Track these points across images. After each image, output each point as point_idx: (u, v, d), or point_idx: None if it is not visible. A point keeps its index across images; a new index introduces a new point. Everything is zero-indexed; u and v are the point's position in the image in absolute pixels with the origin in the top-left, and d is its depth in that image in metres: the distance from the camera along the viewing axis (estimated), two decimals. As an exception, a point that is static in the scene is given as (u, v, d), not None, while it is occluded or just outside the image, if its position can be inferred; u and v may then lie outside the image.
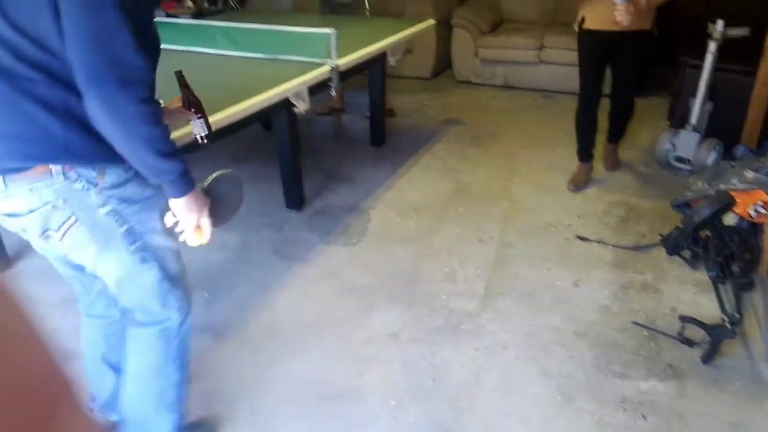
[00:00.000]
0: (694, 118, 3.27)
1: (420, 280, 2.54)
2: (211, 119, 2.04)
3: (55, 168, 1.22)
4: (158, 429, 1.60)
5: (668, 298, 2.40)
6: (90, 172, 1.26)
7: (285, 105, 2.54)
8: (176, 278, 1.51)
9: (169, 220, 1.38)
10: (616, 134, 3.40)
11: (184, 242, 1.44)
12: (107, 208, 1.29)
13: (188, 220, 1.37)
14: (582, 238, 2.80)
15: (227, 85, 2.46)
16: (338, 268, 2.62)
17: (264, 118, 2.87)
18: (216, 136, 2.16)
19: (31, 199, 1.24)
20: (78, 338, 1.72)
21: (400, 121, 4.39)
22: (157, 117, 1.22)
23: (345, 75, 2.87)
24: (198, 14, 5.95)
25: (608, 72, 3.13)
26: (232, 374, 2.07)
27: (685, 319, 2.14)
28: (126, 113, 1.17)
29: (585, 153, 3.27)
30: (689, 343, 2.12)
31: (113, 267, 1.38)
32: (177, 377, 1.60)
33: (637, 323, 2.24)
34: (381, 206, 3.15)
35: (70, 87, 1.16)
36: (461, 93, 5.03)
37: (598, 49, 3.02)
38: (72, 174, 1.24)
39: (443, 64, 5.48)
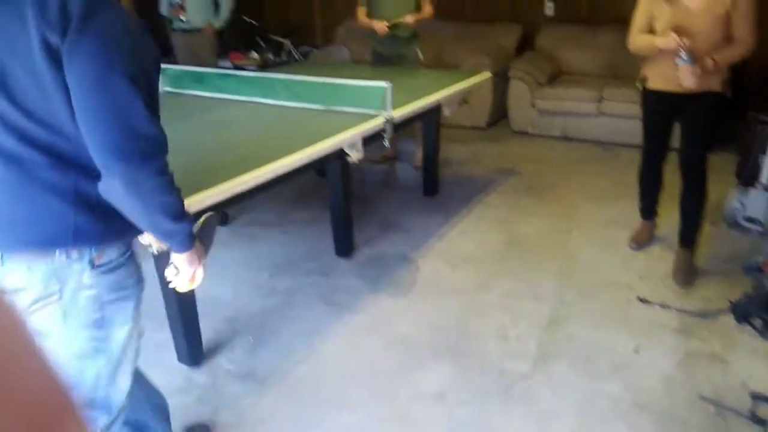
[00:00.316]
0: (764, 177, 3.09)
1: (469, 337, 2.45)
2: (269, 167, 2.09)
3: (59, 249, 1.19)
4: None
5: (737, 370, 2.21)
6: (92, 253, 1.22)
7: (339, 154, 2.57)
8: (120, 376, 1.36)
9: (170, 273, 1.39)
10: (688, 231, 2.86)
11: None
12: (91, 292, 1.24)
13: (189, 271, 1.37)
14: (643, 300, 2.65)
15: (285, 135, 2.52)
16: (386, 319, 2.57)
17: (319, 165, 2.92)
18: (273, 183, 2.21)
19: (30, 277, 1.19)
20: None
21: (455, 170, 4.37)
22: (173, 183, 1.23)
23: (399, 126, 2.89)
24: (263, 66, 6.26)
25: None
26: (272, 424, 2.03)
27: (757, 397, 1.96)
28: (148, 187, 1.16)
29: (648, 211, 3.13)
30: (762, 423, 1.93)
31: (61, 346, 1.25)
32: None
33: (704, 397, 2.07)
34: (432, 256, 3.10)
35: (80, 168, 1.15)
36: (517, 143, 4.98)
37: (662, 110, 2.80)
38: (74, 254, 1.20)
39: (499, 114, 5.46)
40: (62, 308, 1.22)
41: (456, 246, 3.21)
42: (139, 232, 1.32)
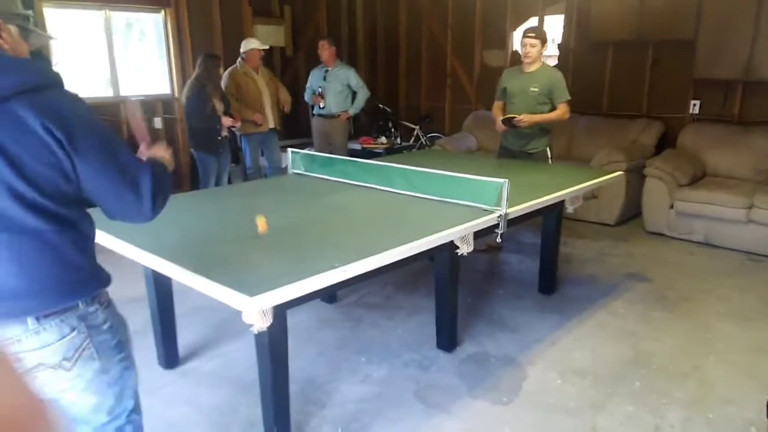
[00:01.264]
0: None
1: (574, 465, 2.17)
2: (377, 257, 2.07)
3: (80, 300, 1.37)
4: None
5: None
6: (99, 296, 1.43)
7: (449, 246, 2.51)
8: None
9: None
10: None
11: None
12: (108, 324, 1.44)
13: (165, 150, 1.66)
14: (797, 453, 2.20)
15: (397, 223, 2.52)
16: (482, 431, 2.37)
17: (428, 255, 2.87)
18: (385, 270, 2.19)
19: (63, 328, 1.35)
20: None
21: (576, 268, 4.10)
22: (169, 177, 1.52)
23: (515, 220, 2.78)
24: (390, 149, 6.51)
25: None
26: None
27: None
28: (163, 200, 1.44)
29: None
30: None
31: (106, 384, 1.45)
32: None
33: None
34: (541, 363, 2.86)
35: (76, 225, 1.35)
36: (650, 245, 4.59)
37: None
38: (88, 300, 1.39)
39: (631, 212, 5.12)
40: (95, 348, 1.41)
41: (570, 355, 2.94)
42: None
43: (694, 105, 5.27)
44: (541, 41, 3.86)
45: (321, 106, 5.68)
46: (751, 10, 4.52)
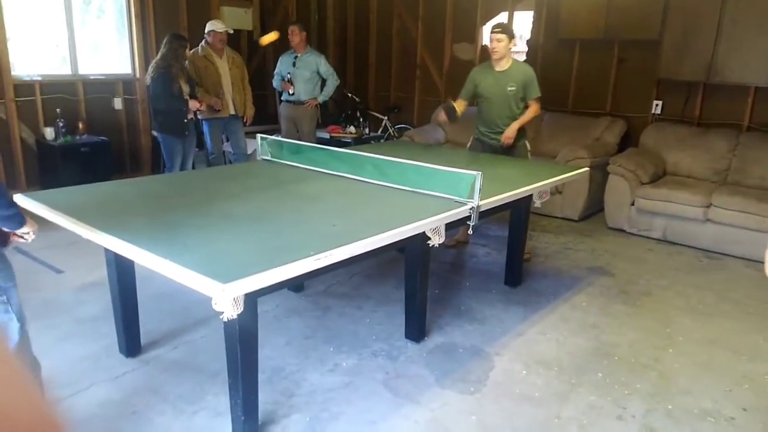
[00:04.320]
0: None
1: (540, 454, 2.21)
2: (351, 246, 2.05)
3: None
4: None
5: None
6: None
7: (420, 237, 2.51)
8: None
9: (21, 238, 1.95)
10: None
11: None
12: None
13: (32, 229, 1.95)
14: (750, 441, 2.30)
15: (369, 213, 2.50)
16: (450, 420, 2.38)
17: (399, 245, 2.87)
18: (356, 259, 2.17)
19: None
20: None
21: (541, 262, 4.16)
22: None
23: (485, 213, 2.80)
24: (358, 139, 6.46)
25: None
26: None
27: None
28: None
29: None
30: None
31: None
32: None
33: None
34: (507, 354, 2.90)
35: None
36: (612, 240, 4.71)
37: None
38: None
39: (594, 208, 5.24)
40: None
41: (535, 346, 2.99)
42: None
43: (657, 105, 5.41)
44: (508, 37, 3.87)
45: (290, 93, 5.59)
46: (715, 12, 4.65)
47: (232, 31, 5.29)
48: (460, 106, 4.07)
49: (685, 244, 4.56)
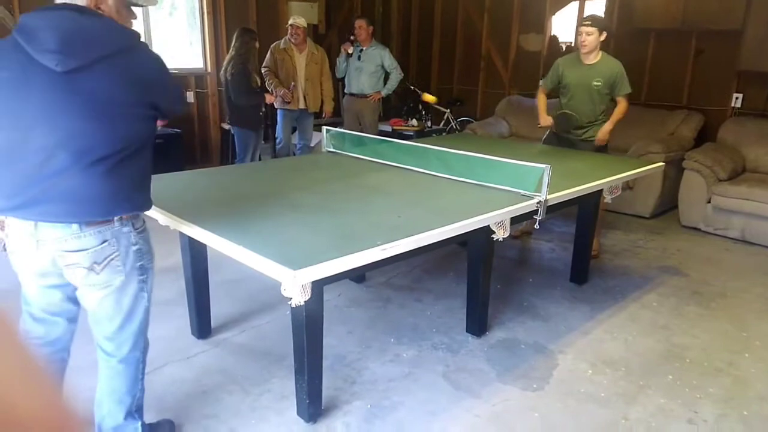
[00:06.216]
0: None
1: (606, 455, 2.15)
2: (417, 237, 2.06)
3: (116, 217, 1.66)
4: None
5: None
6: (133, 219, 1.72)
7: (484, 230, 2.49)
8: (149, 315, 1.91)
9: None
10: None
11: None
12: (137, 247, 1.74)
13: None
14: (837, 456, 2.16)
15: (433, 205, 2.50)
16: (511, 416, 2.36)
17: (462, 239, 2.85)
18: (420, 251, 2.18)
19: (98, 238, 1.65)
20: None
21: (609, 260, 4.04)
22: None
23: (553, 208, 2.74)
24: (420, 132, 6.46)
25: None
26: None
27: None
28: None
29: None
30: None
31: (125, 297, 1.76)
32: (141, 390, 1.96)
33: None
34: (572, 352, 2.83)
35: (130, 158, 1.63)
36: (685, 239, 4.50)
37: None
38: (126, 221, 1.69)
39: (667, 205, 5.02)
40: (121, 262, 1.71)
41: (601, 346, 2.91)
42: (149, 205, 1.80)
43: (737, 98, 5.12)
44: (599, 30, 3.76)
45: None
46: (805, 0, 4.35)
47: (305, 25, 5.37)
48: (543, 97, 4.00)
49: (765, 244, 4.31)
